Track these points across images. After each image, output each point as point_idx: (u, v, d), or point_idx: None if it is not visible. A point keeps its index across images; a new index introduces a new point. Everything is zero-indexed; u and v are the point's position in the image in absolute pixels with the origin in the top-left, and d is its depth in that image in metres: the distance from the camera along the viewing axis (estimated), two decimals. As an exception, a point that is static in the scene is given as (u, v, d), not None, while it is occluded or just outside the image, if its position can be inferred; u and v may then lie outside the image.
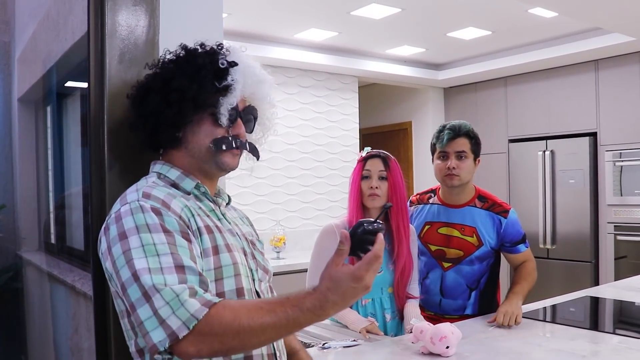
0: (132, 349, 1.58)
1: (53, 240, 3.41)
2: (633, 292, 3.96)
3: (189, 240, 1.51)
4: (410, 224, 3.24)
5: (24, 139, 3.54)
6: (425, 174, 8.86)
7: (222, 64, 1.68)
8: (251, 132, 1.81)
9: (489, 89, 8.53)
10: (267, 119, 1.83)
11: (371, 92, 9.50)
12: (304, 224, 7.45)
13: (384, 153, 3.16)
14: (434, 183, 3.46)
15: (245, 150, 1.77)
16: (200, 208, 1.66)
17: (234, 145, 1.70)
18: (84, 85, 1.95)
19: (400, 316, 3.16)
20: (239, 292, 1.62)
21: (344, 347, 2.74)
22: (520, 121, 8.14)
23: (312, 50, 7.22)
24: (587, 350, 2.69)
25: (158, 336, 1.36)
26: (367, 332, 2.91)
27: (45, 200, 3.45)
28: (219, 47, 1.74)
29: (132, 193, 1.58)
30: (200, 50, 1.72)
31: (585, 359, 2.52)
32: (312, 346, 2.79)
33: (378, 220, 1.48)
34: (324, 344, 2.75)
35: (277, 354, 1.74)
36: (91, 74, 1.89)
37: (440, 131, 3.29)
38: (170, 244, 1.45)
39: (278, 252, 6.64)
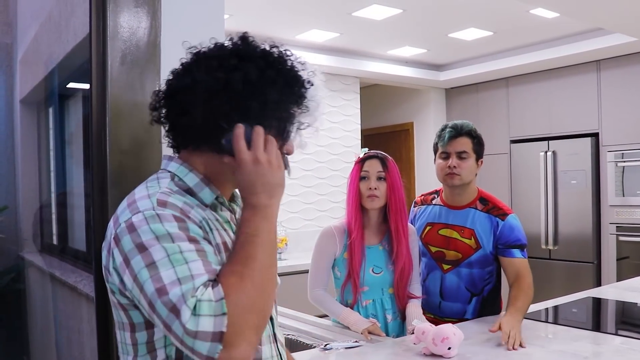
0: None
1: (55, 242, 3.42)
2: (635, 293, 3.96)
3: (212, 246, 1.43)
4: (409, 224, 3.24)
5: (26, 141, 3.55)
6: (427, 175, 8.86)
7: (308, 83, 1.57)
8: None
9: (491, 90, 8.53)
10: (306, 139, 1.68)
11: (373, 93, 9.50)
12: (306, 224, 7.45)
13: (381, 154, 3.17)
14: (436, 184, 3.45)
15: None
16: (217, 220, 1.55)
17: (287, 166, 1.58)
18: (86, 86, 1.96)
19: (401, 317, 3.16)
20: None
21: (345, 348, 2.74)
22: (522, 122, 8.14)
23: (313, 51, 7.22)
24: (589, 351, 2.69)
25: (203, 347, 1.27)
26: (369, 333, 2.90)
27: (48, 201, 3.46)
28: (295, 57, 1.60)
29: (143, 200, 1.43)
30: (288, 57, 1.57)
31: None
32: (314, 347, 2.80)
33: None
34: (325, 345, 2.75)
35: (277, 335, 1.70)
36: (93, 76, 1.89)
37: (442, 130, 3.28)
38: (198, 251, 1.35)
39: (280, 253, 6.63)
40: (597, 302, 3.75)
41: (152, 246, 1.33)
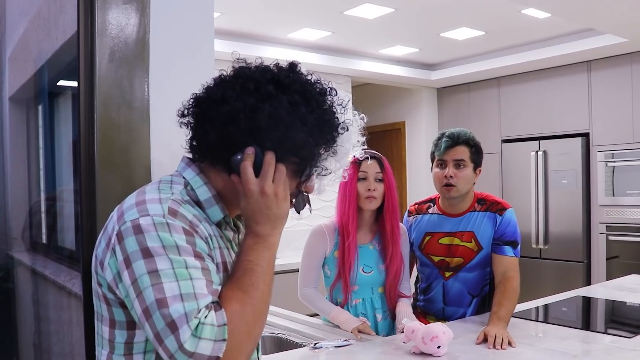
0: (102, 358, 1.48)
1: (44, 240, 3.40)
2: (625, 292, 3.97)
3: (214, 265, 1.43)
4: (400, 224, 3.23)
5: (15, 139, 3.53)
6: (418, 174, 8.88)
7: (343, 128, 1.53)
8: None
9: (482, 89, 8.54)
10: (327, 179, 1.64)
11: (364, 92, 9.49)
12: (297, 224, 7.41)
13: (378, 154, 3.15)
14: (427, 183, 3.44)
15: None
16: (221, 238, 1.53)
17: (300, 208, 1.60)
18: (76, 84, 1.94)
19: (391, 316, 3.16)
20: None
21: (335, 347, 2.73)
22: (513, 121, 8.16)
23: (305, 50, 7.21)
24: (578, 350, 2.70)
25: None
26: (359, 331, 2.90)
27: (37, 200, 3.44)
28: (335, 94, 1.56)
29: (154, 203, 1.39)
30: (329, 95, 1.53)
31: (577, 358, 2.52)
32: (304, 346, 2.79)
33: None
34: (315, 344, 2.75)
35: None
36: (81, 73, 1.88)
37: (439, 139, 3.22)
38: (203, 269, 1.35)
39: (271, 252, 6.62)
40: (587, 301, 3.76)
41: (158, 254, 1.31)
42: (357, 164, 3.09)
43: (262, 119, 1.42)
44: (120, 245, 1.36)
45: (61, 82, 3.09)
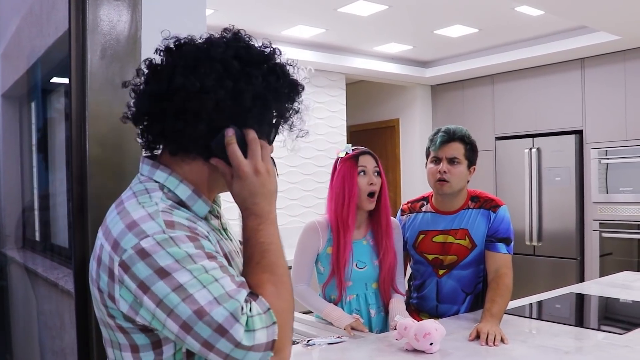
0: None
1: (37, 238, 3.40)
2: (617, 289, 3.97)
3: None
4: (393, 218, 3.23)
5: (8, 136, 3.52)
6: (412, 171, 8.88)
7: (301, 86, 1.53)
8: None
9: (476, 87, 8.55)
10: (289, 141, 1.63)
11: (359, 89, 9.49)
12: (291, 220, 7.44)
13: (370, 150, 3.15)
14: (421, 180, 3.43)
15: None
16: (213, 230, 1.51)
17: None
18: (68, 80, 1.93)
19: (385, 311, 3.16)
20: None
21: (328, 344, 2.73)
22: (507, 119, 8.16)
23: (299, 47, 7.20)
24: (571, 346, 2.70)
25: (254, 357, 1.30)
26: (352, 328, 2.90)
27: (30, 197, 3.43)
28: (290, 59, 1.54)
29: (146, 221, 1.34)
30: (281, 56, 1.52)
31: (569, 355, 2.53)
32: (297, 343, 2.79)
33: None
34: (308, 341, 2.75)
35: None
36: (72, 70, 1.87)
37: (435, 134, 3.22)
38: (222, 267, 1.34)
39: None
40: (580, 298, 3.77)
41: (175, 270, 1.29)
42: (354, 159, 3.07)
43: (246, 102, 1.42)
44: (128, 274, 1.31)
45: (54, 79, 3.09)
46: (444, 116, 8.81)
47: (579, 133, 7.40)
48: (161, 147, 1.53)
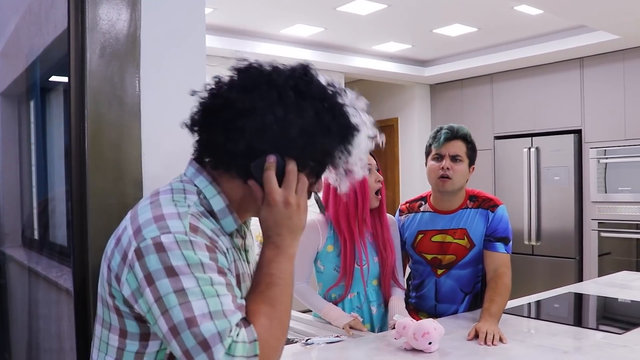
0: None
1: (36, 236, 3.40)
2: (616, 289, 3.97)
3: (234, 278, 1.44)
4: (388, 215, 3.23)
5: (7, 134, 3.52)
6: (410, 170, 8.88)
7: (357, 130, 1.52)
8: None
9: (475, 86, 8.55)
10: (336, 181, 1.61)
11: (357, 88, 9.35)
12: (290, 220, 7.43)
13: None
14: (420, 179, 3.43)
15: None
16: (233, 247, 1.52)
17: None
18: (67, 79, 1.93)
19: (386, 306, 3.15)
20: None
21: (327, 343, 2.73)
22: (506, 118, 8.17)
23: (298, 46, 7.20)
24: (569, 346, 2.70)
25: None
26: (350, 328, 2.90)
27: (29, 196, 3.43)
28: (352, 100, 1.56)
29: (174, 219, 1.37)
30: (343, 97, 1.53)
31: (568, 354, 2.53)
32: (296, 342, 2.79)
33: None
34: (307, 340, 2.75)
35: None
36: (71, 68, 1.87)
37: (437, 132, 3.21)
38: (228, 285, 1.35)
39: (264, 247, 6.62)
40: (579, 298, 3.76)
41: (183, 273, 1.30)
42: None
43: (293, 132, 1.41)
44: (140, 262, 1.34)
45: (53, 78, 3.09)
46: (443, 115, 8.82)
47: (577, 132, 7.41)
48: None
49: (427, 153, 3.27)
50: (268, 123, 1.40)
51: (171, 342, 1.30)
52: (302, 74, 1.49)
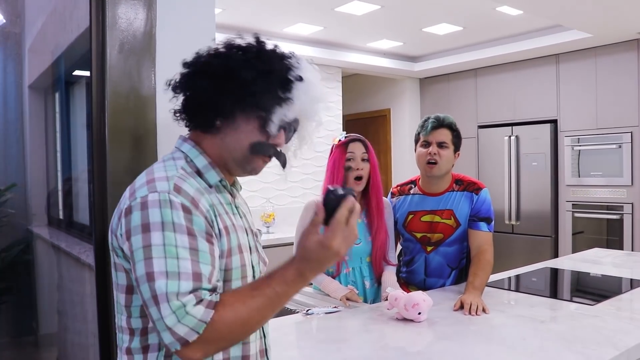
0: (122, 323, 1.48)
1: (61, 216, 3.40)
2: (588, 264, 3.98)
3: (212, 243, 1.39)
4: (384, 198, 3.22)
5: (34, 123, 3.51)
6: (402, 156, 8.86)
7: (293, 77, 1.52)
8: (287, 142, 1.63)
9: (461, 80, 8.52)
10: (308, 133, 1.65)
11: (353, 82, 9.47)
12: (292, 201, 7.44)
13: (362, 137, 3.15)
14: (410, 164, 3.43)
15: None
16: (220, 203, 1.51)
17: (270, 153, 1.55)
18: (89, 73, 1.93)
19: (378, 283, 3.16)
20: None
21: (326, 313, 2.73)
22: (489, 109, 8.14)
23: (299, 43, 7.17)
24: (546, 316, 2.70)
25: (167, 339, 1.29)
26: (347, 299, 2.91)
27: (54, 179, 3.43)
28: (292, 55, 1.58)
29: (162, 181, 1.39)
30: (276, 51, 1.54)
31: (545, 324, 2.53)
32: (297, 312, 2.79)
33: (346, 187, 1.41)
34: (307, 311, 2.75)
35: (268, 350, 1.66)
36: (93, 63, 1.87)
37: (425, 121, 3.22)
38: (192, 249, 1.33)
39: (268, 227, 6.63)
40: (554, 272, 3.77)
41: (154, 230, 1.31)
42: (344, 145, 3.09)
43: (236, 84, 1.46)
44: (126, 218, 1.36)
45: (76, 72, 3.08)
46: (431, 106, 8.79)
47: (554, 122, 7.39)
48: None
49: (416, 140, 3.27)
50: (220, 81, 1.47)
51: (138, 292, 1.33)
52: (256, 44, 1.53)
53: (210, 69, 1.49)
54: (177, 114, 1.57)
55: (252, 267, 1.58)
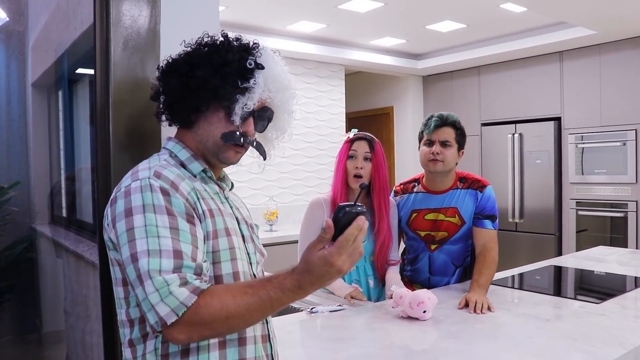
0: (122, 317, 1.51)
1: (64, 214, 3.39)
2: (592, 262, 3.97)
3: (193, 224, 1.42)
4: (390, 198, 3.22)
5: (38, 121, 3.51)
6: (404, 154, 8.85)
7: (250, 64, 1.55)
8: (262, 131, 1.67)
9: (464, 77, 8.51)
10: (283, 122, 1.70)
11: (356, 80, 9.46)
12: (295, 199, 7.44)
13: (369, 136, 3.14)
14: (413, 162, 3.42)
15: (252, 147, 1.65)
16: (205, 190, 1.55)
17: (240, 142, 1.57)
18: (92, 71, 1.93)
19: (382, 283, 3.16)
20: (235, 275, 1.52)
21: (330, 311, 2.73)
22: (492, 107, 8.13)
23: (302, 40, 7.17)
24: (550, 314, 2.70)
25: (151, 318, 1.31)
26: (352, 297, 2.90)
27: (57, 177, 3.43)
28: (254, 46, 1.62)
29: (144, 170, 1.47)
30: (235, 44, 1.60)
31: (549, 322, 2.53)
32: (302, 310, 2.79)
33: (358, 204, 1.38)
34: (312, 309, 2.75)
35: (271, 335, 1.66)
36: (97, 60, 1.86)
37: (429, 119, 3.20)
38: (172, 228, 1.36)
39: (271, 224, 6.62)
40: (558, 270, 3.76)
41: (136, 213, 1.37)
42: (349, 143, 3.09)
43: (199, 80, 1.54)
44: (111, 208, 1.43)
45: (79, 70, 3.08)
46: (434, 104, 8.78)
47: (557, 120, 7.38)
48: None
49: (420, 139, 3.26)
50: (185, 78, 1.56)
51: (126, 275, 1.38)
52: (223, 39, 1.63)
53: (177, 68, 1.59)
54: (159, 115, 1.66)
55: (247, 253, 1.62)
